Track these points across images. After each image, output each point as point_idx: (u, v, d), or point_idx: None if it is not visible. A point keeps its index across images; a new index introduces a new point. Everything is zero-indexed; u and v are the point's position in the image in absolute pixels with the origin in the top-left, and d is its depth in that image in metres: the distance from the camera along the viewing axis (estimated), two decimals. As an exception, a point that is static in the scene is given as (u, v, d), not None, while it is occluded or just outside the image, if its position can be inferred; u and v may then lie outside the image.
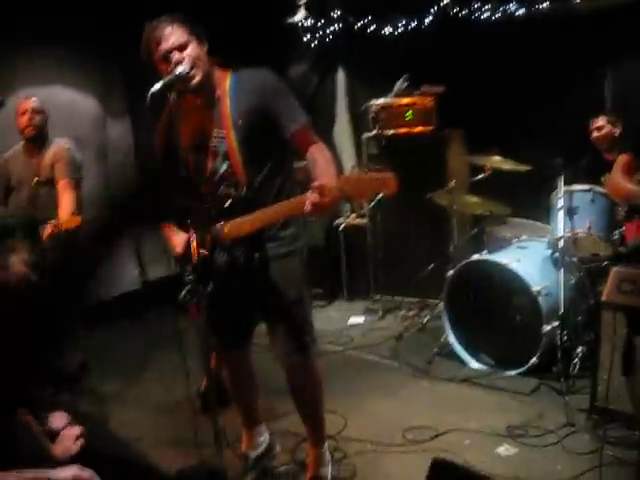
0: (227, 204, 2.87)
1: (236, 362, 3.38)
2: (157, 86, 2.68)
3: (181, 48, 2.82)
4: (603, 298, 2.83)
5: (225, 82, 2.95)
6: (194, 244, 2.78)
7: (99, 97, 6.06)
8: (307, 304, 3.18)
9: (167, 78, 2.74)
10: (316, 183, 2.54)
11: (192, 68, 2.82)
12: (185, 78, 2.80)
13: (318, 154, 2.86)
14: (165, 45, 2.82)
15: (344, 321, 5.92)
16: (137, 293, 5.94)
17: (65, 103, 5.65)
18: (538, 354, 4.30)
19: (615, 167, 3.36)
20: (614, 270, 2.78)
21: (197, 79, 2.85)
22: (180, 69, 2.78)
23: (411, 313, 5.86)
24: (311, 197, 2.50)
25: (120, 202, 4.49)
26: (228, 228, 2.83)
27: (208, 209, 2.88)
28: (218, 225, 2.84)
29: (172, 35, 2.83)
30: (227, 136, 2.91)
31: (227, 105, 2.91)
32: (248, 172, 2.91)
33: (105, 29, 5.67)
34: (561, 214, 4.37)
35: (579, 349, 4.30)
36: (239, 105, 2.90)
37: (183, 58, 2.81)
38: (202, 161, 2.95)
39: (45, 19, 5.29)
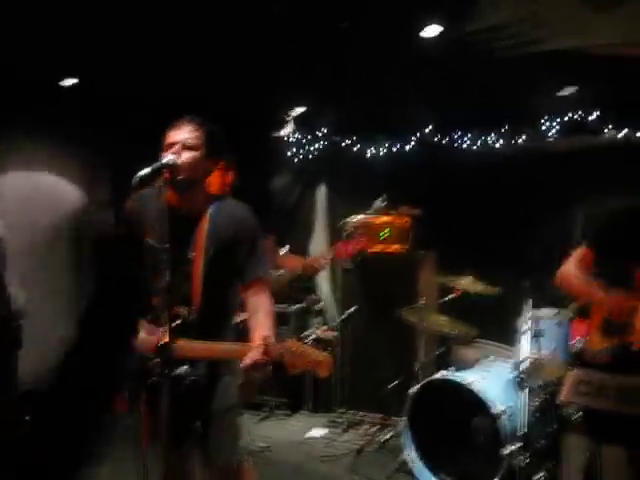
0: (177, 323, 2.84)
1: (177, 464, 3.16)
2: (145, 171, 2.73)
3: (186, 147, 2.90)
4: (561, 398, 2.86)
5: (208, 205, 3.01)
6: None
7: (85, 187, 6.16)
8: (238, 415, 3.16)
9: (155, 164, 2.79)
10: (261, 340, 2.68)
11: (182, 166, 2.86)
12: (171, 168, 2.82)
13: (263, 305, 2.96)
14: (177, 136, 2.91)
15: (305, 432, 5.84)
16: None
17: (50, 189, 5.73)
18: (499, 476, 4.27)
19: (571, 259, 3.32)
20: (571, 373, 2.84)
21: (182, 176, 2.86)
22: (168, 157, 2.83)
23: (373, 429, 5.80)
24: (254, 354, 2.65)
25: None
26: (177, 346, 2.79)
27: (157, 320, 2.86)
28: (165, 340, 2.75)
29: (187, 133, 2.92)
30: (196, 259, 2.94)
31: (205, 230, 2.96)
32: (204, 298, 2.94)
33: (96, 122, 5.87)
34: (527, 337, 4.45)
35: (541, 473, 4.28)
36: (216, 233, 2.96)
37: (180, 153, 2.87)
38: (160, 270, 2.81)
39: (40, 105, 5.45)
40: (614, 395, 2.72)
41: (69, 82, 5.66)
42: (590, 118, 5.50)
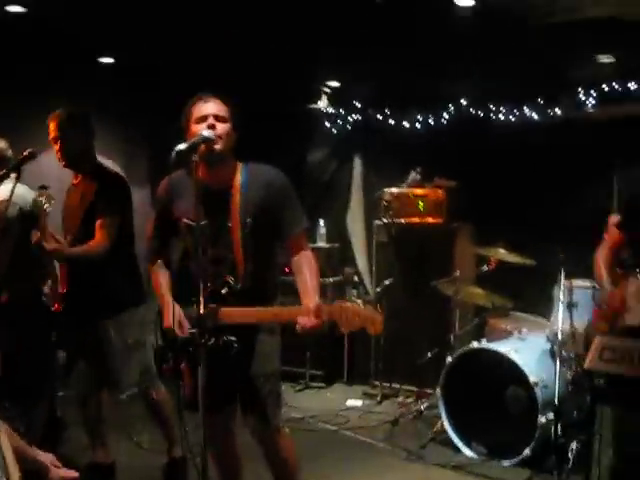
0: (224, 291, 3.00)
1: (218, 429, 3.30)
2: (183, 145, 2.80)
3: (220, 119, 3.00)
4: (585, 365, 2.87)
5: (237, 174, 3.09)
6: (182, 321, 3.01)
7: (123, 165, 6.25)
8: (279, 381, 3.27)
9: (194, 139, 2.87)
10: (312, 305, 2.82)
11: (219, 138, 2.96)
12: (209, 142, 2.90)
13: (306, 262, 3.08)
14: (209, 109, 3.00)
15: (341, 403, 5.93)
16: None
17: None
18: (532, 446, 4.31)
19: (605, 241, 3.28)
20: (597, 339, 2.84)
21: (220, 148, 2.97)
22: (207, 132, 2.91)
23: (409, 400, 5.87)
24: (306, 319, 2.79)
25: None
26: (222, 313, 2.94)
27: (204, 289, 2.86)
28: (212, 306, 2.88)
29: (218, 105, 3.03)
30: (234, 229, 3.03)
31: (238, 199, 3.04)
32: (247, 265, 3.04)
33: (131, 100, 5.96)
34: (561, 308, 4.44)
35: (573, 444, 4.29)
36: (248, 202, 3.04)
37: (216, 126, 2.96)
38: (201, 243, 2.90)
39: (78, 85, 5.53)
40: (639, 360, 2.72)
41: (106, 60, 5.76)
42: (630, 86, 5.41)
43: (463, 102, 6.20)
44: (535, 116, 5.87)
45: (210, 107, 3.01)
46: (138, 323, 3.98)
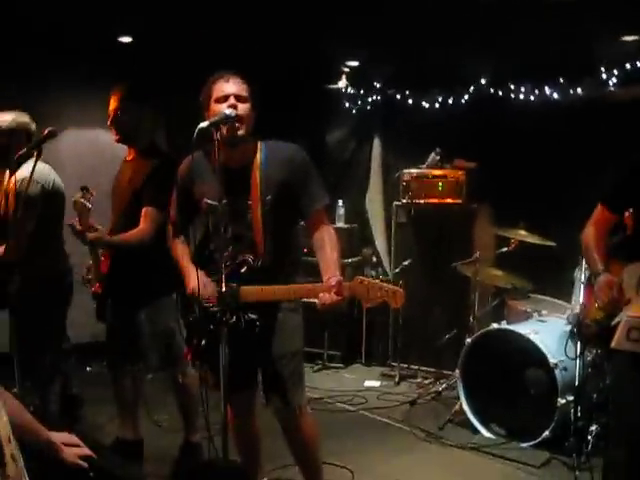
0: (244, 270, 3.01)
1: (239, 409, 3.29)
2: (205, 123, 2.82)
3: (241, 99, 2.99)
4: (612, 345, 2.84)
5: (257, 152, 3.09)
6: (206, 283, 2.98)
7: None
8: (302, 360, 3.28)
9: (215, 118, 2.88)
10: (333, 280, 2.80)
11: (241, 119, 2.96)
12: (231, 121, 2.91)
13: (327, 238, 3.08)
14: (230, 88, 2.99)
15: (359, 383, 5.94)
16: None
17: (107, 146, 5.84)
18: (551, 427, 4.30)
19: (592, 216, 3.19)
20: (624, 319, 2.80)
21: (241, 130, 2.98)
22: (229, 111, 2.92)
23: (427, 381, 5.87)
24: (327, 296, 2.79)
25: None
26: (242, 292, 2.94)
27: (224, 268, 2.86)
28: (232, 285, 2.89)
29: (239, 85, 3.02)
30: (254, 207, 3.03)
31: (257, 177, 3.04)
32: (267, 243, 3.04)
33: (151, 80, 5.94)
34: (582, 289, 4.40)
35: (593, 427, 4.27)
36: (269, 179, 3.04)
37: (238, 106, 2.96)
38: (222, 222, 2.94)
39: (97, 65, 5.53)
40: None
41: (125, 39, 5.73)
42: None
43: (483, 82, 6.12)
44: (556, 96, 5.79)
45: (231, 87, 3.00)
46: (171, 309, 3.98)
